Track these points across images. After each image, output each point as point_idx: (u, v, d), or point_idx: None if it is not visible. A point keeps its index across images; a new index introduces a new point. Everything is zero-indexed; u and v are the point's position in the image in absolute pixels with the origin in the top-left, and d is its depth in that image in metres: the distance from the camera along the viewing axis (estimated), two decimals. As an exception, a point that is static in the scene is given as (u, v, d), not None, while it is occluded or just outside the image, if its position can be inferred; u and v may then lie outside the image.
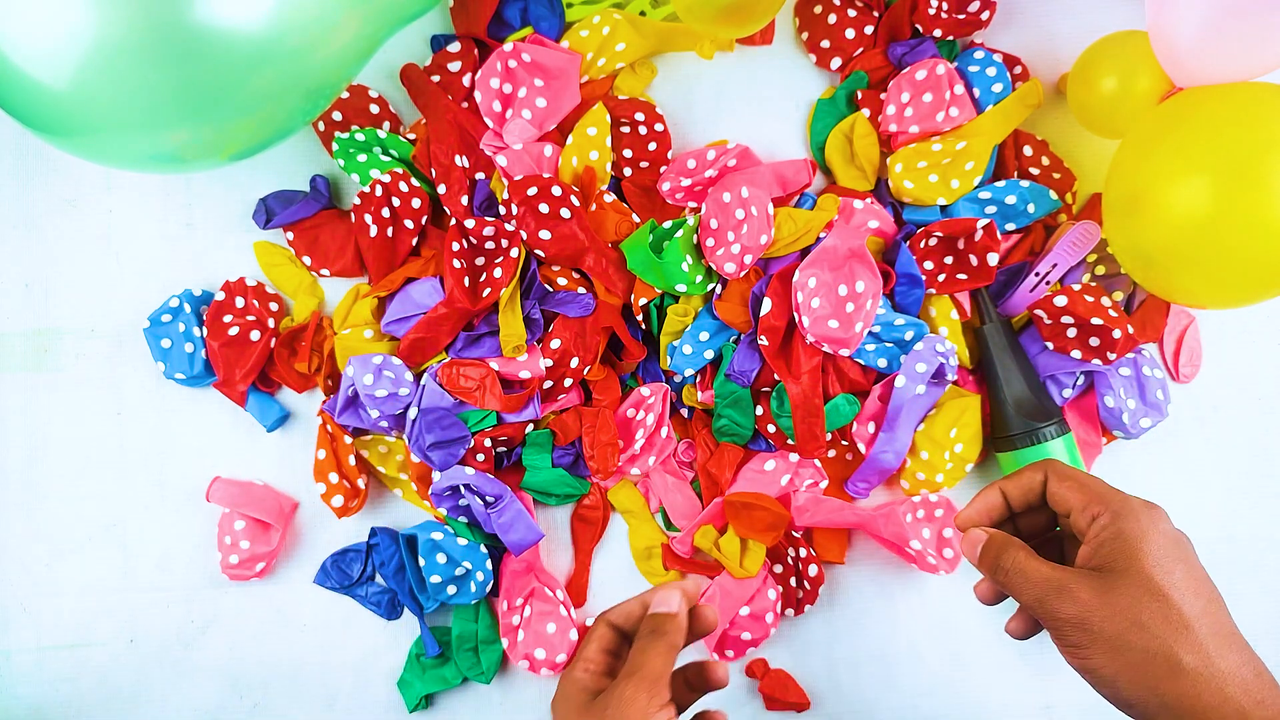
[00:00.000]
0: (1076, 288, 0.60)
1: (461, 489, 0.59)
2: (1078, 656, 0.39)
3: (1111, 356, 0.60)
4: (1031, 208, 0.62)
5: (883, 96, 0.64)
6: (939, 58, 0.63)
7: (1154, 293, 0.59)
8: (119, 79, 0.45)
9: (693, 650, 0.63)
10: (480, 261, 0.62)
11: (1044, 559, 0.42)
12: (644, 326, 0.62)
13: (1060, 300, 0.59)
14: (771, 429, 0.61)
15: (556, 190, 0.59)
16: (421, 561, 0.59)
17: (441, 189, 0.62)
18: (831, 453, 0.63)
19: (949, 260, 0.62)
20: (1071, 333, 0.60)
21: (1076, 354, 0.60)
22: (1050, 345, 0.61)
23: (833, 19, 0.64)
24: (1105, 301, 0.59)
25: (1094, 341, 0.59)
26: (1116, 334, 0.58)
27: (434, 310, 0.60)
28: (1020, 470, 0.45)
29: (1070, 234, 0.61)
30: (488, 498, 0.59)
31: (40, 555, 0.64)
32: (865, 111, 0.64)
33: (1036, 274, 0.62)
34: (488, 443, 0.60)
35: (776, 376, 0.60)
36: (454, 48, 0.64)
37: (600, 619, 0.51)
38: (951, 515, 0.62)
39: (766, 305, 0.59)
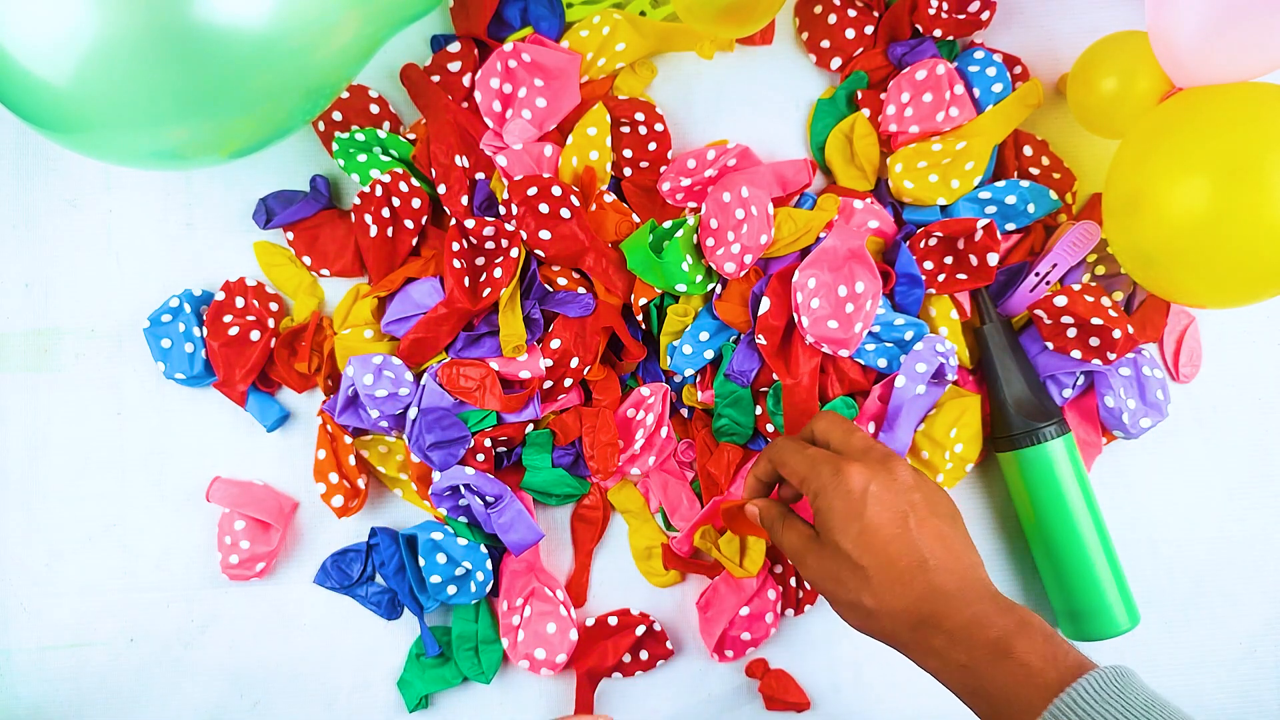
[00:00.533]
0: (1076, 287, 0.60)
1: (461, 489, 0.59)
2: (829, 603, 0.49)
3: (1111, 356, 0.60)
4: (1031, 208, 0.62)
5: (883, 96, 0.64)
6: (939, 58, 0.63)
7: (1154, 292, 0.59)
8: (120, 76, 0.45)
9: (693, 649, 0.63)
10: (480, 261, 0.62)
11: (794, 525, 0.50)
12: (644, 326, 0.62)
13: (1060, 300, 0.59)
14: (770, 428, 0.61)
15: (556, 190, 0.59)
16: (421, 561, 0.59)
17: (441, 189, 0.62)
18: (831, 453, 0.63)
19: (949, 260, 0.62)
20: (1071, 333, 0.60)
21: (1076, 354, 0.60)
22: (1050, 345, 0.61)
23: (833, 19, 0.64)
24: (1105, 301, 0.59)
25: (1094, 341, 0.59)
26: (1116, 334, 0.58)
27: (434, 310, 0.60)
28: (756, 459, 0.54)
29: (1070, 234, 0.61)
30: (488, 498, 0.59)
31: (40, 555, 0.64)
32: (865, 111, 0.64)
33: (1036, 274, 0.62)
34: (488, 443, 0.60)
35: (776, 376, 0.60)
36: (454, 48, 0.64)
37: None
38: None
39: (765, 305, 0.59)
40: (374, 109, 0.64)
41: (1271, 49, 0.50)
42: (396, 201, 0.61)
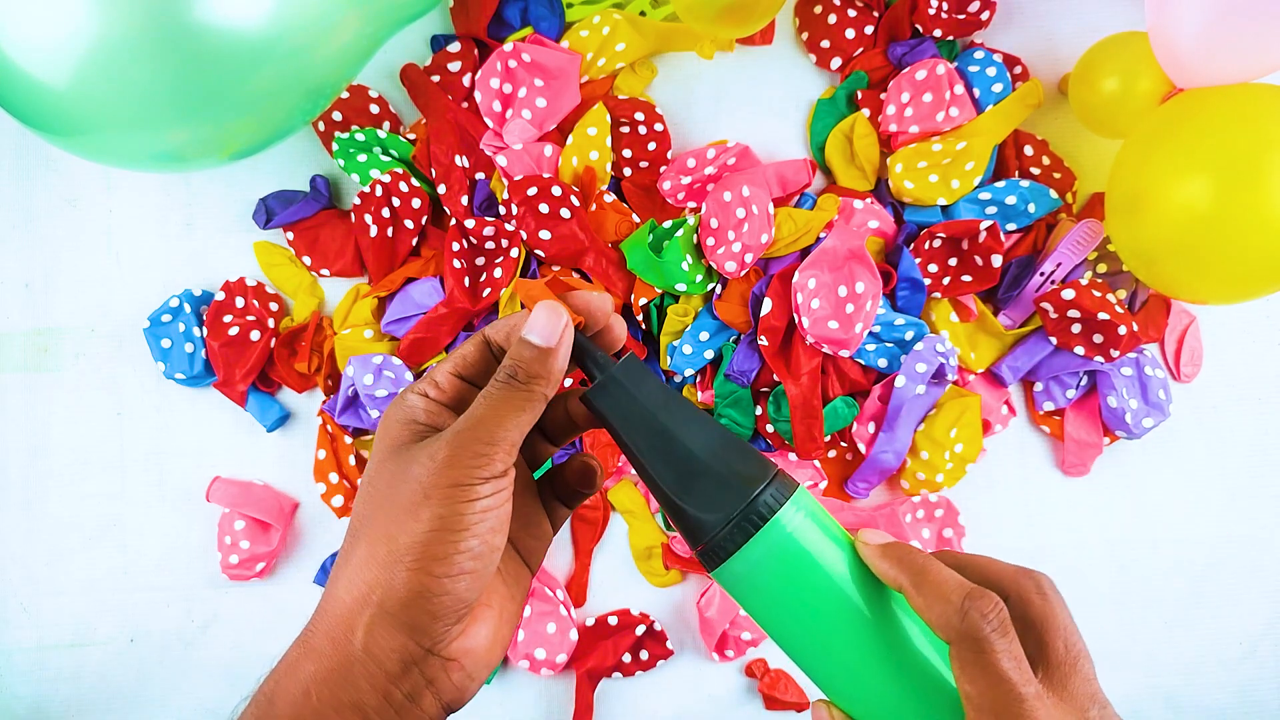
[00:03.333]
0: (1083, 283, 0.60)
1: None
2: None
3: (1115, 354, 0.60)
4: (1032, 207, 0.62)
5: (883, 96, 0.64)
6: (939, 58, 0.63)
7: (1156, 289, 0.59)
8: (119, 78, 0.45)
9: (693, 649, 0.63)
10: (480, 261, 0.62)
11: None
12: (644, 326, 0.62)
13: (1068, 294, 0.59)
14: (770, 430, 0.61)
15: (556, 190, 0.59)
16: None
17: (441, 189, 0.62)
18: (831, 453, 0.63)
19: (953, 262, 0.62)
20: (1076, 328, 0.60)
21: (1080, 350, 0.60)
22: (1054, 340, 0.61)
23: (833, 19, 0.64)
24: (1111, 298, 0.59)
25: (1098, 338, 0.59)
26: (1121, 330, 0.58)
27: (434, 310, 0.60)
28: (986, 562, 0.34)
29: (1073, 233, 0.61)
30: (488, 498, 0.59)
31: (40, 555, 0.64)
32: (865, 111, 0.64)
33: (1041, 273, 0.62)
34: (488, 443, 0.60)
35: (776, 377, 0.60)
36: (454, 48, 0.64)
37: (480, 332, 0.36)
38: (952, 515, 0.62)
39: (766, 305, 0.59)
40: (374, 109, 0.64)
41: (1270, 51, 0.50)
42: (396, 201, 0.61)
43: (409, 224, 0.62)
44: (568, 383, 0.59)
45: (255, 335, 0.62)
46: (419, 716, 0.32)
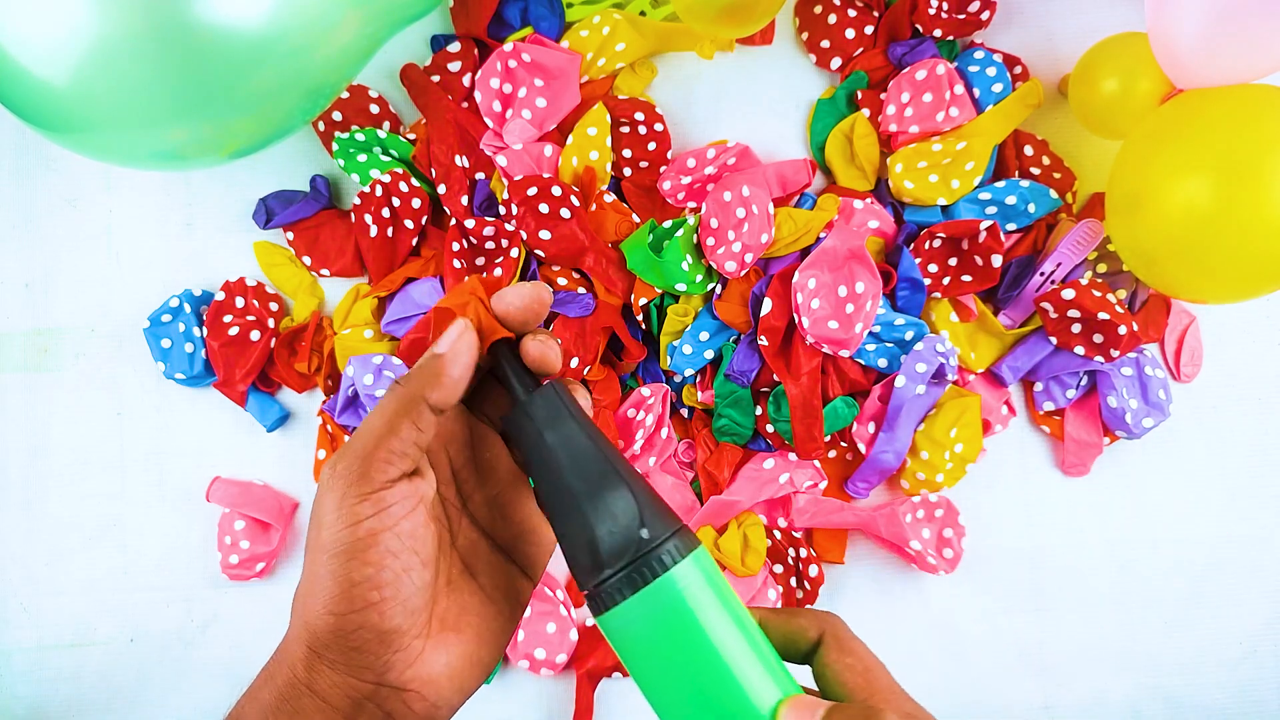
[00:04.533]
0: (1083, 283, 0.60)
1: (461, 489, 0.59)
2: None
3: (1115, 353, 0.60)
4: (1032, 207, 0.62)
5: (883, 96, 0.64)
6: (939, 58, 0.63)
7: (1156, 289, 0.59)
8: (120, 76, 0.45)
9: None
10: (480, 261, 0.62)
11: None
12: (644, 326, 0.62)
13: (1068, 294, 0.59)
14: (770, 430, 0.61)
15: (556, 190, 0.59)
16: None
17: (441, 189, 0.62)
18: (831, 453, 0.63)
19: (953, 262, 0.62)
20: (1076, 328, 0.60)
21: (1080, 350, 0.60)
22: (1054, 340, 0.61)
23: (833, 19, 0.64)
24: (1111, 298, 0.59)
25: (1098, 338, 0.59)
26: (1122, 330, 0.58)
27: (434, 310, 0.60)
28: (793, 611, 0.33)
29: (1074, 232, 0.61)
30: (488, 498, 0.59)
31: (40, 555, 0.64)
32: (865, 111, 0.64)
33: (1041, 274, 0.62)
34: (488, 443, 0.60)
35: (776, 377, 0.60)
36: (454, 48, 0.64)
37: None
38: (952, 515, 0.62)
39: (767, 305, 0.59)
40: (374, 109, 0.64)
41: (1271, 51, 0.50)
42: (396, 201, 0.61)
43: (409, 224, 0.62)
44: None
45: (255, 335, 0.62)
46: None
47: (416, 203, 0.62)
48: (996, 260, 0.60)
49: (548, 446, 0.32)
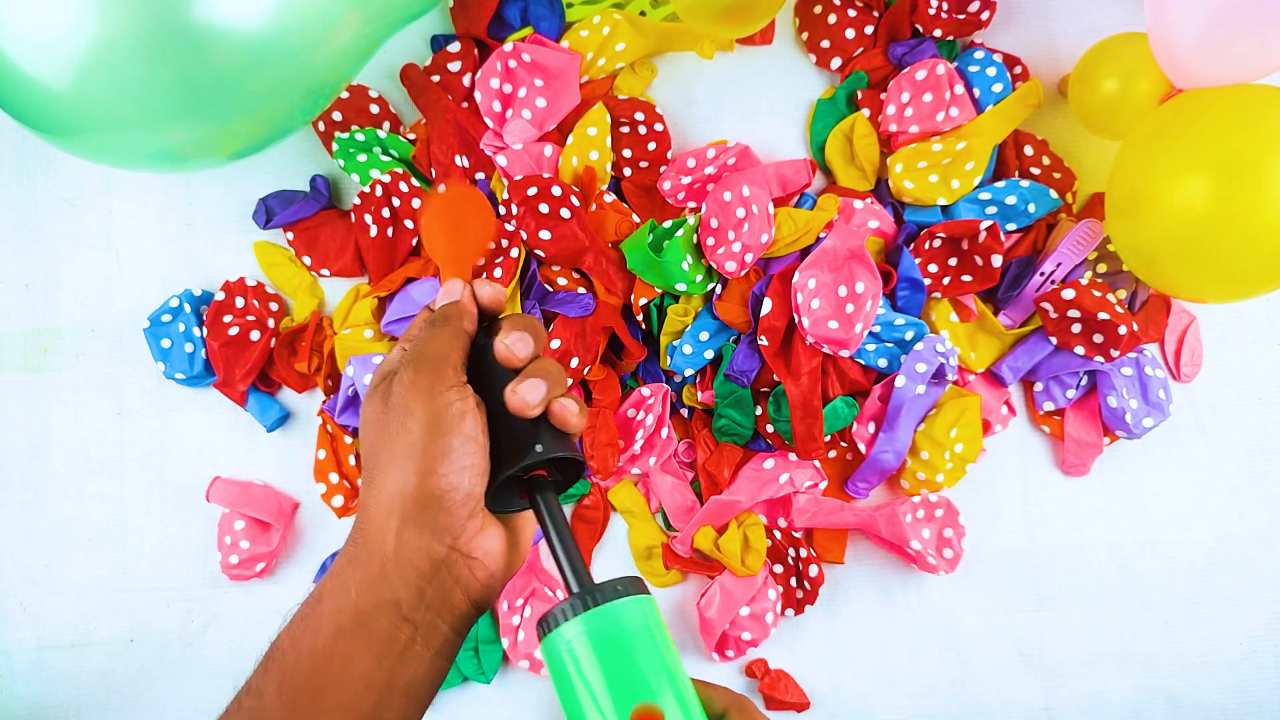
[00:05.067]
0: (1083, 283, 0.60)
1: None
2: None
3: (1115, 353, 0.60)
4: (1032, 207, 0.62)
5: (883, 96, 0.64)
6: (939, 58, 0.63)
7: (1155, 288, 0.59)
8: (119, 78, 0.45)
9: (693, 649, 0.63)
10: (480, 262, 0.62)
11: None
12: (644, 326, 0.62)
13: (1068, 294, 0.59)
14: (770, 430, 0.61)
15: (556, 190, 0.59)
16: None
17: (441, 189, 0.62)
18: (831, 453, 0.63)
19: (953, 262, 0.62)
20: (1076, 328, 0.60)
21: (1080, 350, 0.60)
22: (1054, 340, 0.61)
23: (833, 19, 0.64)
24: (1111, 298, 0.59)
25: (1098, 338, 0.59)
26: (1122, 330, 0.58)
27: (434, 310, 0.60)
28: (708, 684, 0.36)
29: (1074, 232, 0.61)
30: (488, 498, 0.59)
31: (40, 555, 0.64)
32: (865, 111, 0.64)
33: (1041, 273, 0.62)
34: (488, 443, 0.60)
35: (776, 377, 0.60)
36: (454, 48, 0.64)
37: (425, 307, 0.45)
38: (952, 515, 0.62)
39: (767, 305, 0.59)
40: (374, 109, 0.64)
41: (1270, 52, 0.50)
42: (396, 201, 0.61)
43: (409, 224, 0.62)
44: None
45: (255, 335, 0.62)
46: (450, 610, 0.36)
47: (416, 203, 0.62)
48: (996, 260, 0.60)
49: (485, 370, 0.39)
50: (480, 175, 0.63)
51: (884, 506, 0.61)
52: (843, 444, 0.63)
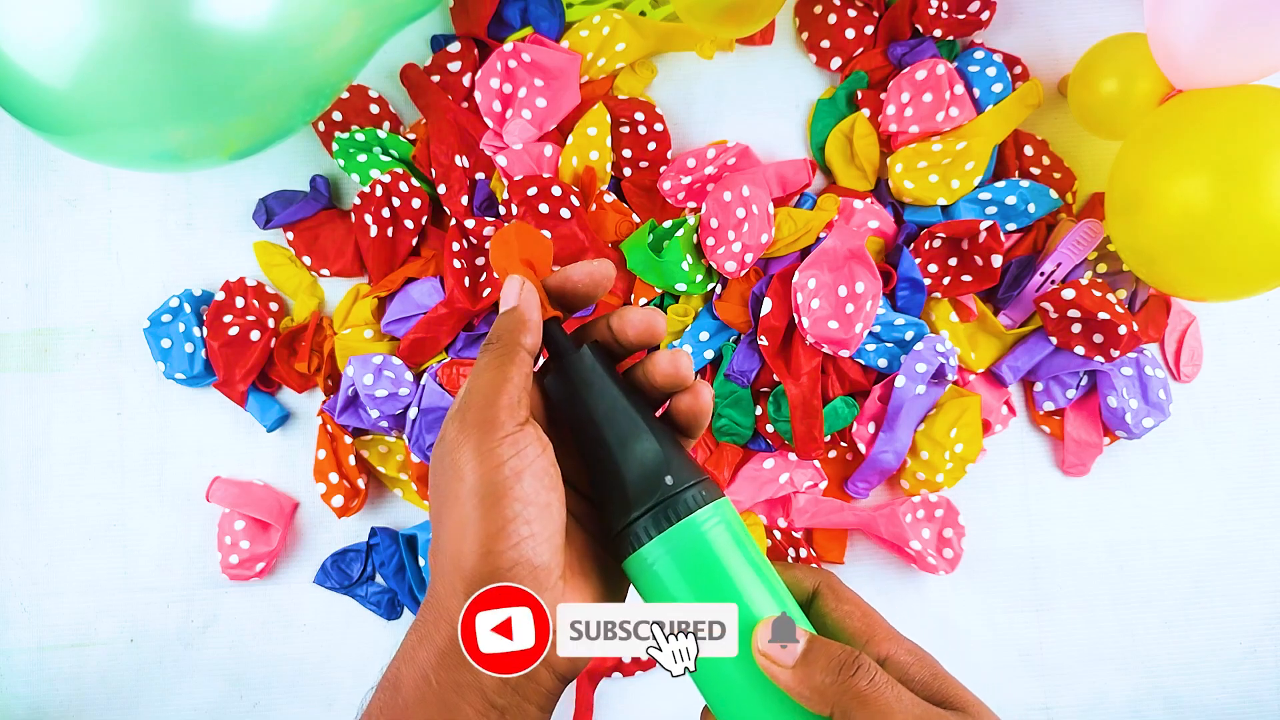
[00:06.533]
0: (1083, 283, 0.60)
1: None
2: None
3: (1115, 353, 0.60)
4: (1032, 207, 0.62)
5: (883, 96, 0.64)
6: (939, 58, 0.63)
7: (1155, 288, 0.59)
8: (120, 78, 0.45)
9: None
10: (480, 261, 0.62)
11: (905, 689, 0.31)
12: (644, 326, 0.62)
13: (1068, 294, 0.59)
14: (770, 430, 0.61)
15: (556, 190, 0.59)
16: (421, 561, 0.59)
17: (441, 189, 0.62)
18: (831, 453, 0.63)
19: (953, 262, 0.62)
20: (1076, 328, 0.60)
21: (1080, 350, 0.60)
22: (1054, 340, 0.61)
23: (833, 19, 0.64)
24: (1111, 298, 0.59)
25: (1098, 338, 0.59)
26: (1122, 330, 0.58)
27: (434, 310, 0.60)
28: (790, 565, 0.36)
29: (1074, 232, 0.61)
30: (488, 498, 0.59)
31: (40, 555, 0.64)
32: (865, 111, 0.64)
33: (1041, 273, 0.62)
34: (488, 443, 0.60)
35: (776, 377, 0.60)
36: (454, 48, 0.64)
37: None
38: (952, 515, 0.62)
39: (767, 305, 0.59)
40: (374, 109, 0.64)
41: (1269, 52, 0.50)
42: (396, 201, 0.61)
43: (409, 224, 0.62)
44: None
45: (255, 335, 0.62)
46: (536, 689, 0.32)
47: (416, 203, 0.62)
48: (996, 260, 0.60)
49: (585, 402, 0.34)
50: (480, 175, 0.63)
51: (884, 506, 0.61)
52: (843, 444, 0.63)
